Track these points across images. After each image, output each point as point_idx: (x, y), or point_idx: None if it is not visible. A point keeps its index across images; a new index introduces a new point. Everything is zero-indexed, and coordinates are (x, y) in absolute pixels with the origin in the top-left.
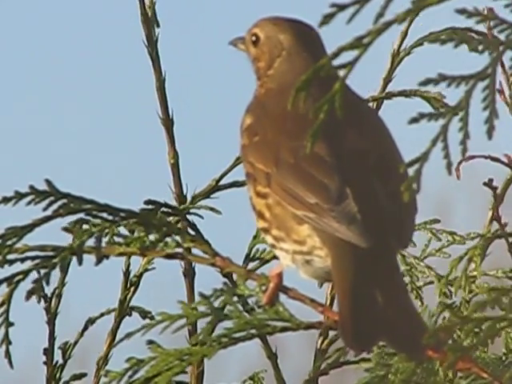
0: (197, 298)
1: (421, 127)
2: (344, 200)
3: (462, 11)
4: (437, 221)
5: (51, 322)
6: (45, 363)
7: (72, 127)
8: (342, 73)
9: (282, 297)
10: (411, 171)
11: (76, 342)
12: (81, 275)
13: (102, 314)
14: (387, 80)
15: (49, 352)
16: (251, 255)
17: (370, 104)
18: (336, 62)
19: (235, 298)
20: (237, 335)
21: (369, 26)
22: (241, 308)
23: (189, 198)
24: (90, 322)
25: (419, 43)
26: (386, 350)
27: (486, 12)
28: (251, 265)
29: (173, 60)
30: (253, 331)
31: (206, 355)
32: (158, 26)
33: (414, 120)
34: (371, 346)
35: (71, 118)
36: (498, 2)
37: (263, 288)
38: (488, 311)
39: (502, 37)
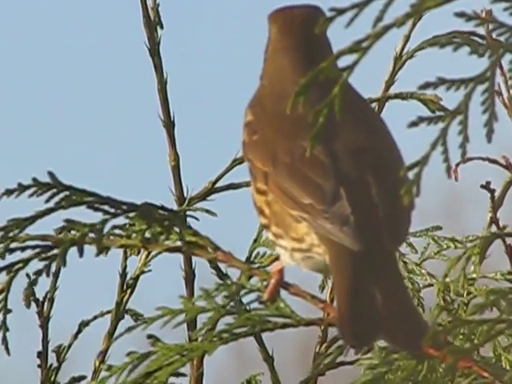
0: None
1: (420, 130)
2: (338, 201)
3: (460, 14)
4: (439, 227)
5: (44, 326)
6: (39, 366)
7: (74, 128)
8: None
9: (283, 293)
10: (411, 175)
11: (70, 345)
12: (76, 277)
13: (96, 317)
14: (389, 83)
15: (43, 355)
16: (251, 259)
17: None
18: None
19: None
20: (237, 331)
21: (367, 29)
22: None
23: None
24: (84, 324)
25: (422, 47)
26: (387, 349)
27: (484, 15)
28: None
29: (175, 62)
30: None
31: (207, 351)
32: (162, 28)
33: (414, 124)
34: (370, 344)
35: (73, 119)
36: (497, 5)
37: (264, 284)
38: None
39: (501, 40)
